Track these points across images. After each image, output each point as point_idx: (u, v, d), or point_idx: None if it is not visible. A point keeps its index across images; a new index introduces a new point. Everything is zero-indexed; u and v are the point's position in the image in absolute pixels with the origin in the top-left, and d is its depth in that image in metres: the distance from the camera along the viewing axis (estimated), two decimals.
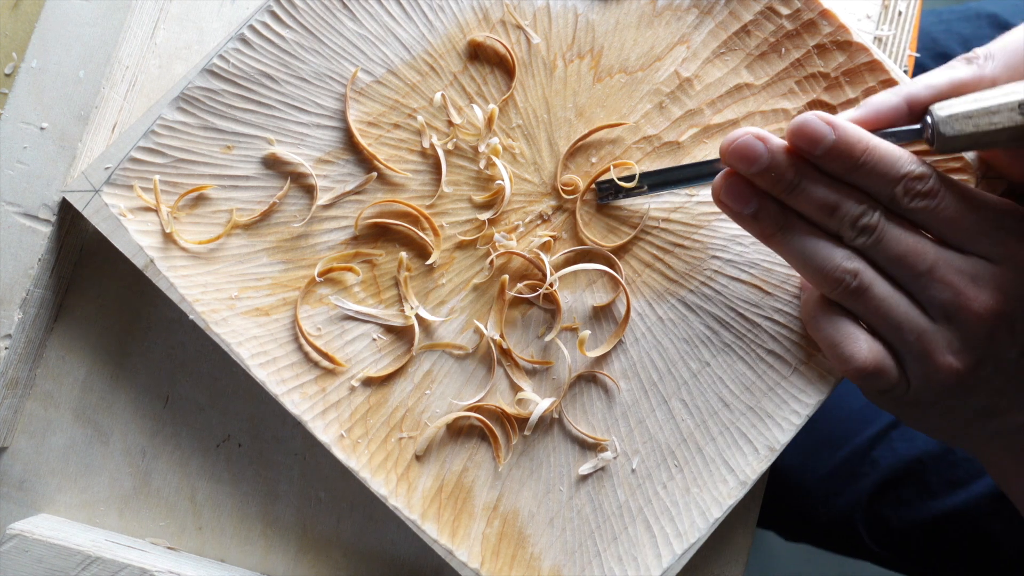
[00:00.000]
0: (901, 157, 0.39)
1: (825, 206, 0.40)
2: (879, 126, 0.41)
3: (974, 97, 0.39)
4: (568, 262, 0.45)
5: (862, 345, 0.40)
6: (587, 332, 0.45)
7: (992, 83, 0.40)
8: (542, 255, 0.44)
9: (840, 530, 0.72)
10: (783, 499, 0.76)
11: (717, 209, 0.45)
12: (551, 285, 0.44)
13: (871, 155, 0.39)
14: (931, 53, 0.71)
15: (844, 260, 0.40)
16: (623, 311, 0.45)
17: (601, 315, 0.45)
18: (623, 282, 0.44)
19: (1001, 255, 0.39)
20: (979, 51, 0.42)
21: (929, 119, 0.40)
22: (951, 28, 0.72)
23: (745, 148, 0.40)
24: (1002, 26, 0.69)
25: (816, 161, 0.40)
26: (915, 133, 0.41)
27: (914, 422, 0.44)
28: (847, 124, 0.39)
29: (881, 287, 0.40)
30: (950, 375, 0.40)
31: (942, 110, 0.39)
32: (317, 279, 0.44)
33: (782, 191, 0.40)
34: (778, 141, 0.40)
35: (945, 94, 0.40)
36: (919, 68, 0.47)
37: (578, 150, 0.45)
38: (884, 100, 0.41)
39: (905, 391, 0.41)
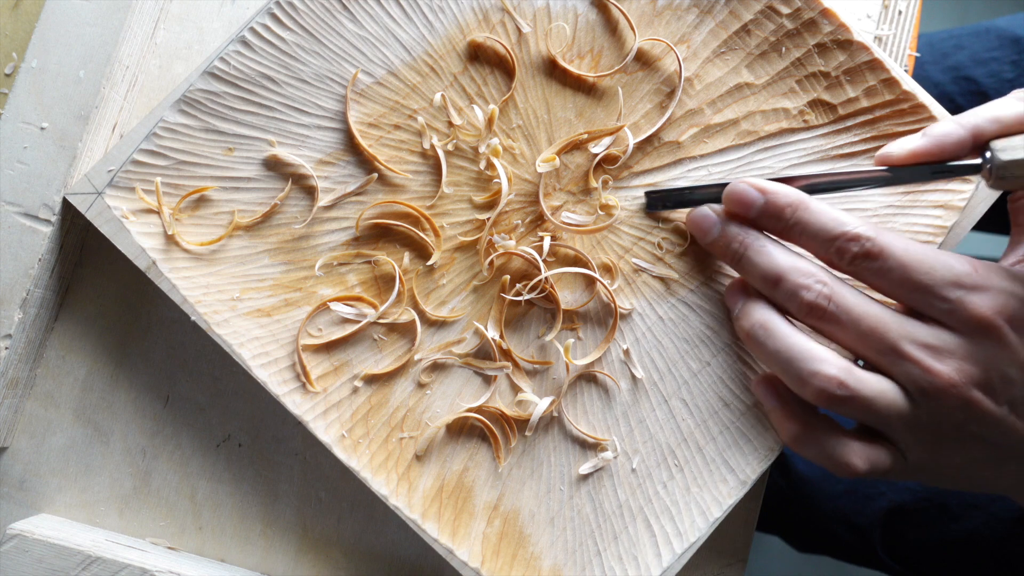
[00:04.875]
0: (837, 218, 0.39)
1: (767, 278, 0.40)
2: (942, 158, 0.40)
3: None
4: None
5: (856, 450, 0.39)
6: (571, 340, 0.44)
7: None
8: (535, 254, 0.44)
9: (857, 545, 0.72)
10: (800, 513, 0.76)
11: None
12: (546, 280, 0.44)
13: (802, 214, 0.39)
14: (940, 67, 0.71)
15: (822, 365, 0.38)
16: (623, 312, 0.45)
17: (602, 315, 0.45)
18: (610, 289, 0.45)
19: (957, 321, 0.38)
20: None
21: (988, 155, 0.39)
22: (961, 43, 0.72)
23: (698, 219, 0.43)
24: (1013, 40, 0.69)
25: (755, 224, 0.41)
26: (973, 168, 0.40)
27: (927, 481, 0.43)
28: (779, 187, 0.40)
29: (864, 386, 0.38)
30: (941, 442, 0.39)
31: (1003, 153, 0.39)
32: (317, 273, 0.44)
33: (731, 261, 0.41)
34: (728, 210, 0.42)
35: (1012, 129, 0.40)
36: (952, 81, 0.46)
37: (576, 148, 0.45)
38: (948, 131, 0.40)
39: (905, 465, 0.40)
